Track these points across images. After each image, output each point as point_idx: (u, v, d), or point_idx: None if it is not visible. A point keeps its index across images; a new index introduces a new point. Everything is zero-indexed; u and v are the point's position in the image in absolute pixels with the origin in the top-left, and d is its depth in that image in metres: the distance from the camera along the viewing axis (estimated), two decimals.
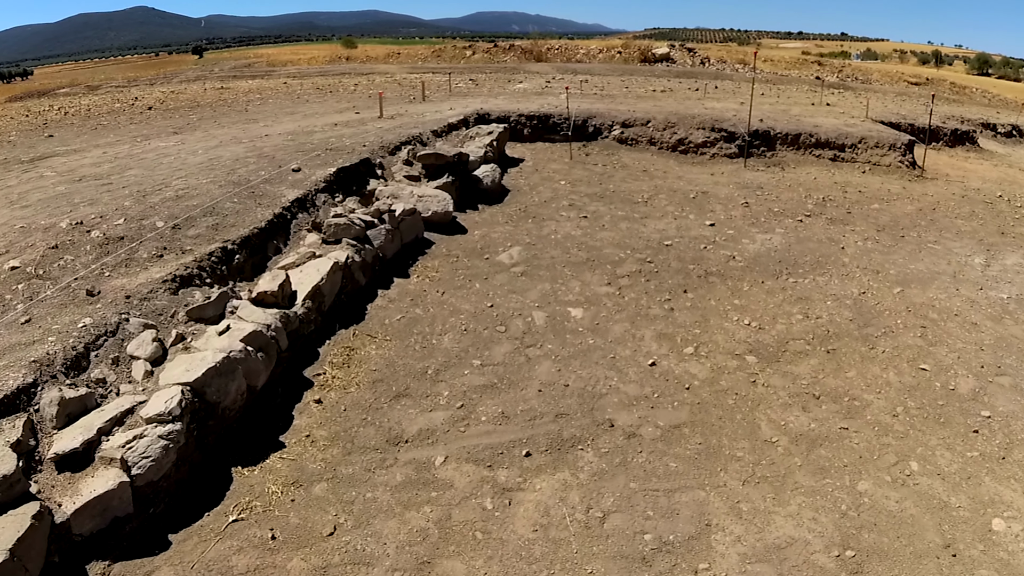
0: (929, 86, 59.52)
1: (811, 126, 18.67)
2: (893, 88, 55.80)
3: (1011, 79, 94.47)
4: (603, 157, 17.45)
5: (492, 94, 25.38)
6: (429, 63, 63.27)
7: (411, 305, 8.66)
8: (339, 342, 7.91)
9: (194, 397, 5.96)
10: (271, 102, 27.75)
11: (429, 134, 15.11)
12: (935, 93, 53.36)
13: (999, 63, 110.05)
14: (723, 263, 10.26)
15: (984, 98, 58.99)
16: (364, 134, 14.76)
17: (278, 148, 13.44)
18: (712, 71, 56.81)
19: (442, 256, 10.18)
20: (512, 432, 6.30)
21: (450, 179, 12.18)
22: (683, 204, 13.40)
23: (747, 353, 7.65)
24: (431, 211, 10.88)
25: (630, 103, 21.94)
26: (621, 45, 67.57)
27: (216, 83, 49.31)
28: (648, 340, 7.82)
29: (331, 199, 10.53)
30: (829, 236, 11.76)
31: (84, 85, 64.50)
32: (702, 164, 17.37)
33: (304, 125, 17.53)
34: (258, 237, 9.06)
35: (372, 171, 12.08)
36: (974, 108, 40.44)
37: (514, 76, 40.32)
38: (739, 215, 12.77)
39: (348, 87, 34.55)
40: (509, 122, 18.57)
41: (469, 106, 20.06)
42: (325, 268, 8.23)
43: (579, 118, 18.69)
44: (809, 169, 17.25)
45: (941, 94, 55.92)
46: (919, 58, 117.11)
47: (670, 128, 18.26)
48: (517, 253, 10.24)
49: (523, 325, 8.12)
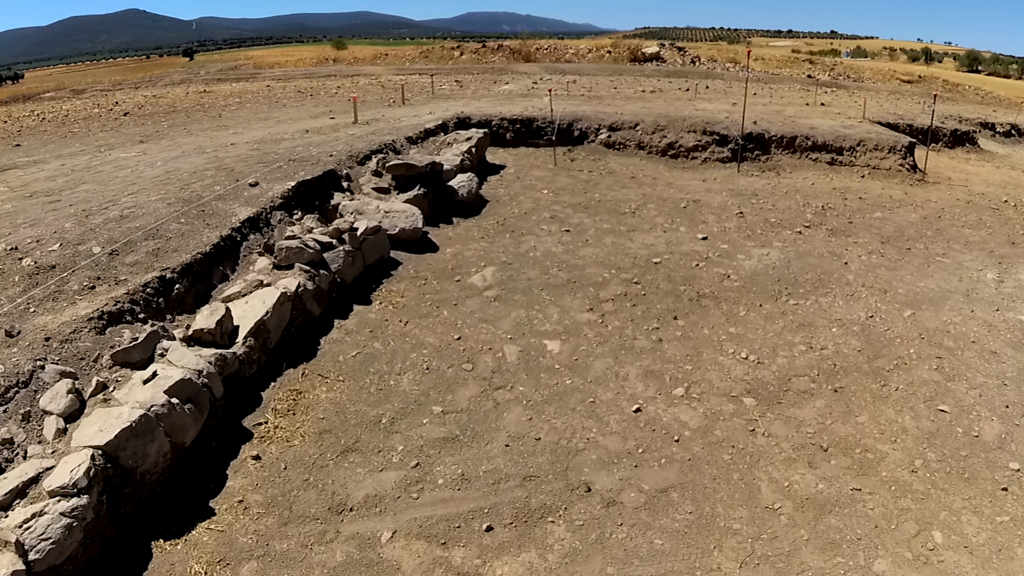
0: (922, 84, 58.93)
1: (807, 128, 17.84)
2: (886, 86, 55.15)
3: (1000, 76, 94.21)
4: (589, 163, 16.57)
5: (476, 96, 24.48)
6: (416, 64, 62.31)
7: (370, 338, 7.75)
8: (286, 384, 7.00)
9: (107, 463, 5.07)
10: (248, 107, 26.78)
11: (403, 141, 14.20)
12: (930, 91, 52.76)
13: (988, 60, 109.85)
14: (717, 283, 9.38)
15: (977, 96, 58.44)
16: (334, 142, 13.84)
17: (240, 159, 12.50)
18: (702, 70, 56.05)
19: (409, 278, 9.27)
20: (472, 499, 5.40)
21: (422, 191, 11.27)
22: (673, 215, 12.53)
23: (745, 394, 6.77)
24: (398, 228, 9.97)
25: (618, 105, 21.08)
26: (610, 45, 66.76)
27: (200, 86, 48.24)
28: (633, 379, 6.93)
29: (288, 217, 9.61)
30: (831, 250, 10.91)
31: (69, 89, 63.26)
32: (693, 169, 16.51)
33: (275, 132, 16.58)
34: (202, 264, 8.13)
35: (337, 183, 11.16)
36: (969, 107, 39.79)
37: (501, 77, 39.42)
38: (733, 227, 11.91)
39: (330, 90, 33.59)
40: (491, 127, 17.66)
41: (449, 110, 19.16)
42: (271, 300, 7.32)
43: (564, 121, 17.81)
44: (806, 174, 16.42)
45: (933, 92, 55.33)
46: (909, 55, 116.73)
47: (660, 131, 17.40)
48: (491, 274, 9.34)
49: (493, 362, 7.22)
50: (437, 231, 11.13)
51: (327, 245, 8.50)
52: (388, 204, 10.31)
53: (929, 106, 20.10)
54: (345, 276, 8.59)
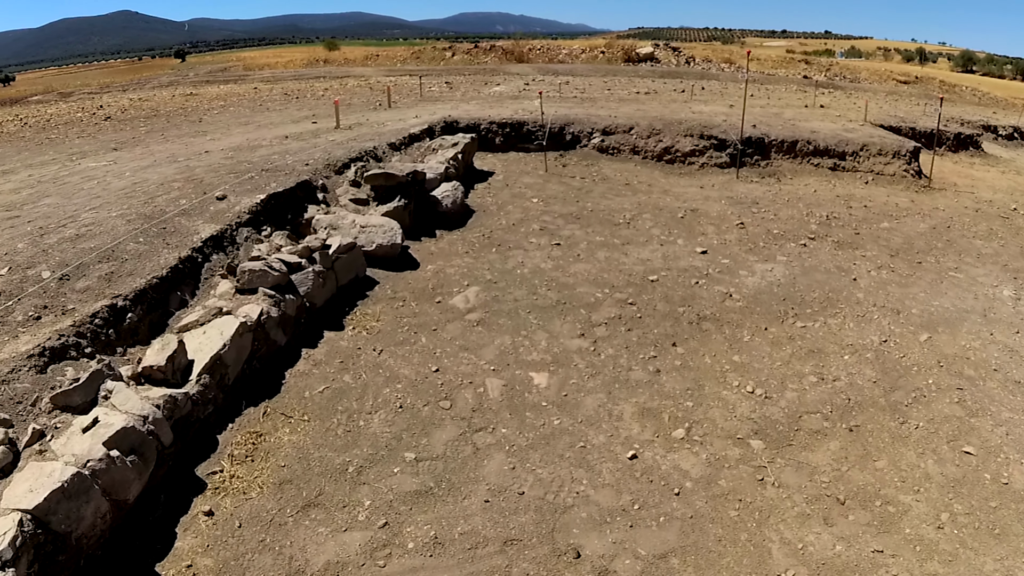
0: (919, 85, 58.51)
1: (808, 132, 17.23)
2: (883, 87, 54.67)
3: (995, 76, 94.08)
4: (582, 169, 15.92)
5: (465, 99, 23.81)
6: (407, 65, 61.58)
7: (340, 370, 7.08)
8: (245, 425, 6.33)
9: (37, 529, 4.41)
10: (231, 110, 26.04)
11: (385, 148, 13.52)
12: (927, 92, 52.33)
13: (983, 60, 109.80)
14: (718, 303, 8.74)
15: (974, 96, 58.04)
16: (312, 149, 13.15)
17: (211, 169, 11.80)
18: (698, 71, 55.49)
19: (386, 300, 8.60)
20: (446, 568, 4.74)
21: (402, 202, 10.59)
22: (670, 225, 11.89)
23: (752, 435, 6.13)
24: (375, 244, 9.29)
25: (612, 107, 20.44)
26: (604, 45, 66.17)
27: (187, 89, 47.48)
28: (628, 419, 6.27)
29: (256, 234, 8.92)
30: (838, 264, 10.28)
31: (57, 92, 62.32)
32: (690, 175, 15.88)
33: (253, 138, 15.88)
34: (158, 289, 7.43)
35: (312, 195, 10.48)
36: (969, 108, 39.28)
37: (492, 78, 38.75)
38: (734, 239, 11.28)
39: (317, 92, 32.86)
40: (479, 131, 17.00)
41: (436, 113, 18.48)
42: (230, 331, 6.64)
43: (556, 125, 17.15)
44: (807, 180, 15.81)
45: (931, 93, 54.87)
46: (903, 56, 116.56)
47: (655, 135, 16.76)
48: (475, 295, 8.68)
49: (473, 399, 6.56)
50: (418, 245, 10.46)
51: (295, 266, 7.82)
52: (365, 218, 9.63)
53: (936, 110, 19.52)
54: (315, 299, 7.92)
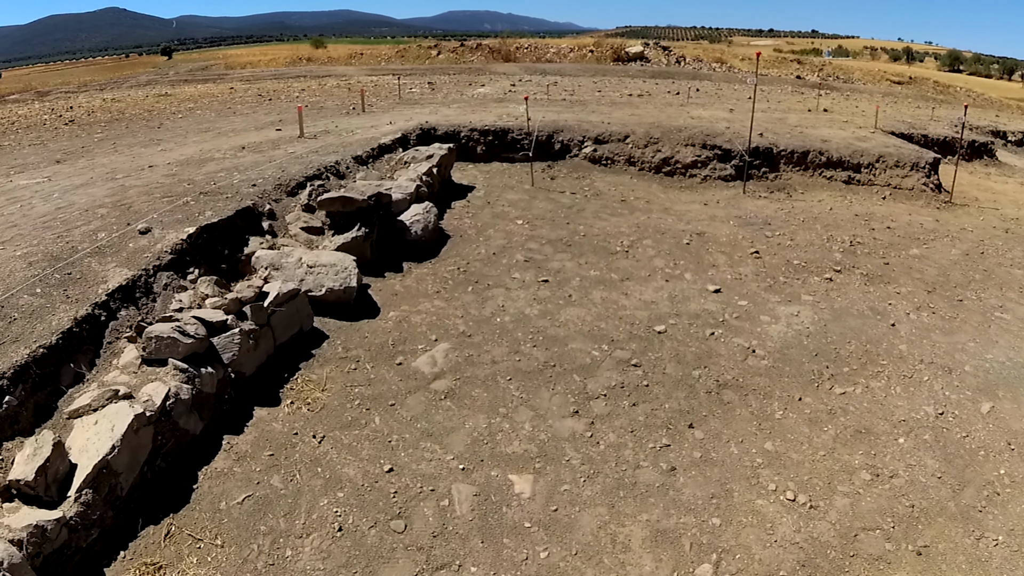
0: (913, 85, 57.46)
1: (819, 141, 15.79)
2: (877, 88, 53.52)
3: (982, 75, 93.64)
4: (572, 182, 14.41)
5: (446, 101, 22.22)
6: (392, 64, 59.79)
7: (268, 468, 5.52)
8: (141, 553, 4.76)
9: None
10: (198, 114, 24.31)
11: (350, 162, 11.93)
12: (923, 94, 51.20)
13: (970, 60, 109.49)
14: (739, 362, 7.25)
15: (968, 97, 56.99)
16: (266, 164, 11.55)
17: (147, 190, 10.15)
18: (689, 71, 54.11)
19: (335, 360, 7.05)
20: None
21: (362, 232, 9.03)
22: (675, 254, 10.40)
23: (798, 568, 4.64)
24: (325, 288, 7.73)
25: (604, 111, 18.94)
26: (593, 44, 64.67)
27: (163, 88, 45.57)
28: (637, 548, 4.76)
29: (179, 279, 7.33)
30: (871, 305, 8.82)
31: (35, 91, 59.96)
32: (692, 189, 14.40)
33: (207, 149, 14.23)
34: (45, 362, 5.80)
35: (255, 224, 8.89)
36: (974, 112, 38.03)
37: (477, 78, 37.15)
38: (750, 272, 9.80)
39: (293, 93, 31.17)
40: (459, 139, 15.45)
41: (413, 119, 16.90)
42: (122, 425, 5.05)
43: (543, 133, 15.62)
44: (820, 195, 14.38)
45: (926, 94, 53.81)
46: (890, 55, 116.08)
47: (653, 145, 15.27)
48: (444, 355, 7.14)
49: (435, 516, 5.02)
50: (381, 283, 8.90)
51: (218, 327, 6.24)
52: (314, 254, 8.05)
53: (960, 118, 18.17)
54: (244, 367, 6.35)
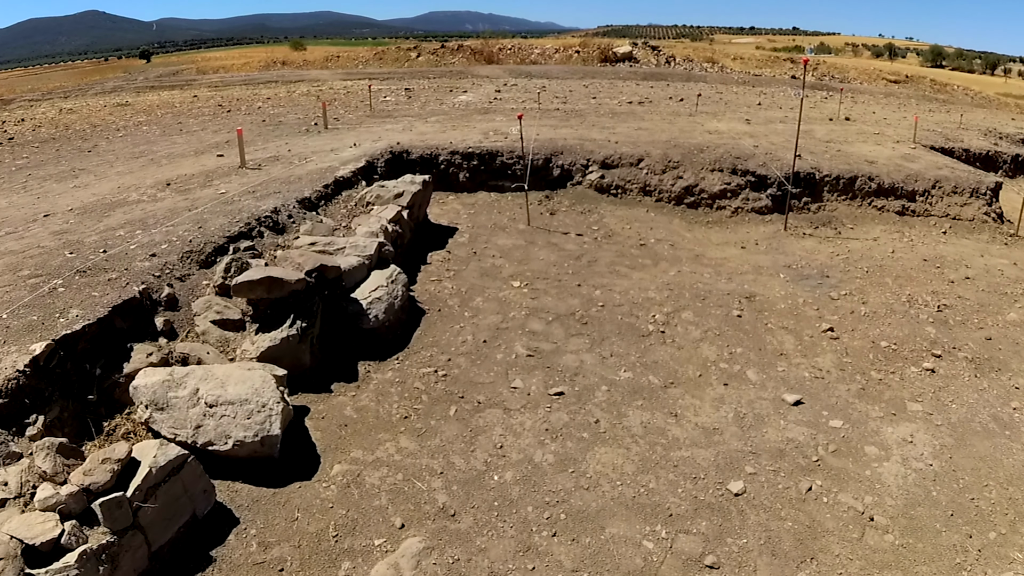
0: (910, 84, 55.40)
1: (864, 163, 13.22)
2: (875, 88, 51.36)
3: (965, 71, 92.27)
4: (577, 218, 11.73)
5: (424, 113, 19.43)
6: (369, 67, 56.85)
7: None
8: None
9: None
10: (144, 129, 21.36)
11: (294, 206, 9.15)
12: (923, 93, 49.10)
13: (952, 55, 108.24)
14: (856, 543, 4.59)
15: (967, 96, 55.09)
16: (184, 213, 8.75)
17: (16, 262, 7.24)
18: (681, 72, 51.66)
19: (245, 569, 4.29)
20: None
21: (297, 328, 6.27)
22: (727, 335, 7.72)
23: None
24: (233, 441, 4.97)
25: (606, 124, 16.27)
26: (579, 44, 62.07)
27: (127, 96, 42.46)
28: None
29: (9, 437, 4.53)
30: (994, 413, 6.23)
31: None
32: (722, 225, 11.77)
33: (127, 185, 11.37)
34: None
35: (146, 321, 6.10)
36: (980, 113, 35.87)
37: (459, 83, 34.38)
38: (831, 364, 7.15)
39: (256, 103, 28.27)
40: (437, 165, 12.73)
41: (383, 138, 14.14)
42: None
43: (539, 156, 12.92)
44: (873, 230, 11.81)
45: (926, 94, 51.75)
46: (872, 51, 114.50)
47: (672, 170, 12.61)
48: (413, 566, 4.39)
49: None
50: (326, 404, 6.13)
51: (45, 552, 3.47)
52: (218, 383, 5.25)
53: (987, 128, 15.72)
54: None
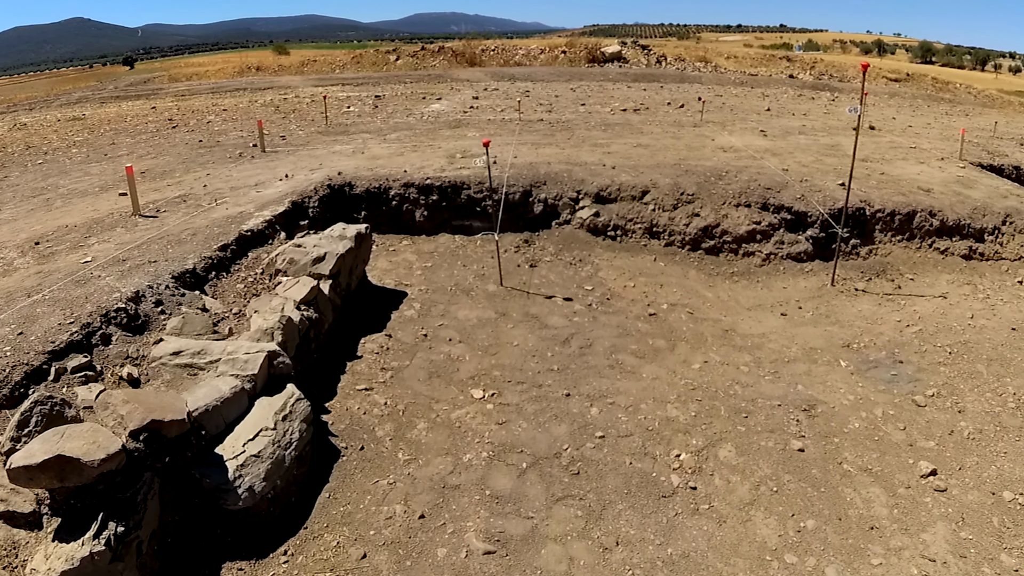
0: (912, 83, 53.13)
1: (919, 192, 10.69)
2: (877, 87, 48.97)
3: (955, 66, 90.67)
4: (564, 271, 9.14)
5: (385, 128, 16.74)
6: (345, 72, 53.98)
7: None
8: None
9: None
10: (73, 152, 18.61)
11: (169, 284, 6.48)
12: (928, 93, 46.87)
13: (941, 51, 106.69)
14: None
15: (970, 95, 52.88)
16: (17, 303, 6.10)
17: None
18: (674, 72, 49.12)
19: None
20: None
21: (111, 534, 3.64)
22: (788, 493, 5.14)
23: None
24: None
25: (598, 140, 13.67)
26: (565, 44, 59.42)
27: (87, 108, 39.45)
28: None
29: None
30: None
31: None
32: (752, 279, 9.20)
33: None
34: None
35: None
36: (991, 115, 33.49)
37: (435, 88, 31.72)
38: (945, 547, 4.62)
39: (210, 115, 25.56)
40: (387, 202, 10.13)
41: (325, 164, 11.50)
42: None
43: (516, 188, 10.33)
44: (938, 282, 9.30)
45: (927, 92, 49.47)
46: (861, 48, 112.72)
47: (686, 205, 10.04)
48: None
49: None
50: None
51: None
52: None
53: None
54: None
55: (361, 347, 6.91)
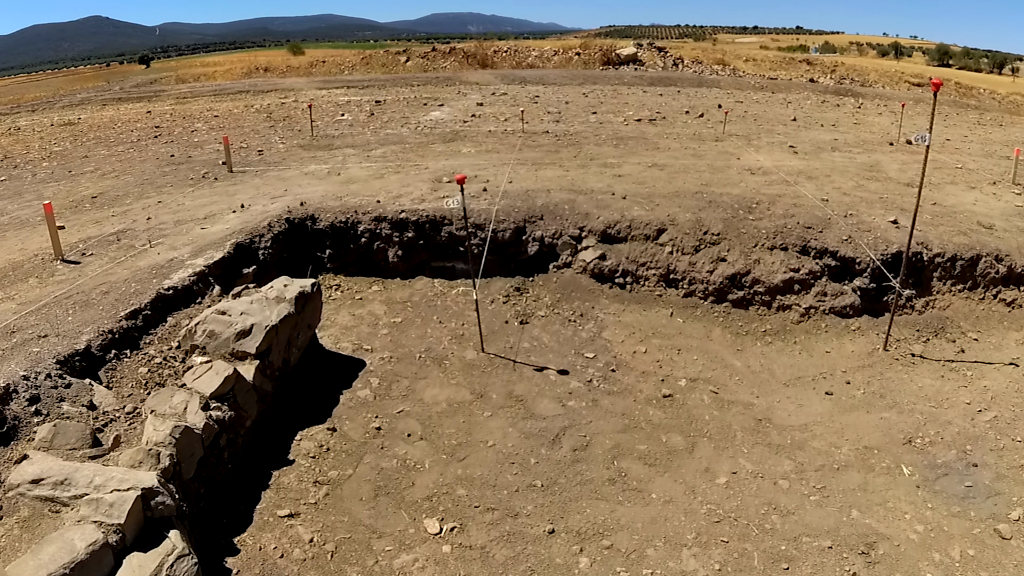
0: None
1: (980, 229, 9.08)
2: (900, 92, 46.98)
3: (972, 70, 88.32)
4: (562, 330, 7.64)
5: (373, 141, 15.28)
6: (354, 73, 52.67)
7: None
8: None
9: None
10: (44, 166, 17.30)
11: (52, 372, 5.05)
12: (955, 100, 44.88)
13: (959, 54, 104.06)
14: None
15: (994, 101, 50.63)
16: None
17: None
18: (691, 76, 47.33)
19: None
20: None
21: None
22: None
23: None
24: None
25: (608, 159, 12.15)
26: (579, 45, 57.78)
27: (85, 111, 38.43)
28: None
29: None
30: None
31: None
32: (787, 339, 7.65)
33: None
34: None
35: None
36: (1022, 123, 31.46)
37: (441, 92, 30.30)
38: None
39: (199, 122, 24.31)
40: (355, 239, 8.68)
41: (290, 190, 10.08)
42: None
43: (507, 225, 8.84)
44: (1006, 343, 7.76)
45: (952, 98, 47.35)
46: (878, 50, 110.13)
47: (710, 247, 8.50)
48: None
49: None
50: None
51: None
52: None
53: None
54: None
55: (295, 447, 5.45)
